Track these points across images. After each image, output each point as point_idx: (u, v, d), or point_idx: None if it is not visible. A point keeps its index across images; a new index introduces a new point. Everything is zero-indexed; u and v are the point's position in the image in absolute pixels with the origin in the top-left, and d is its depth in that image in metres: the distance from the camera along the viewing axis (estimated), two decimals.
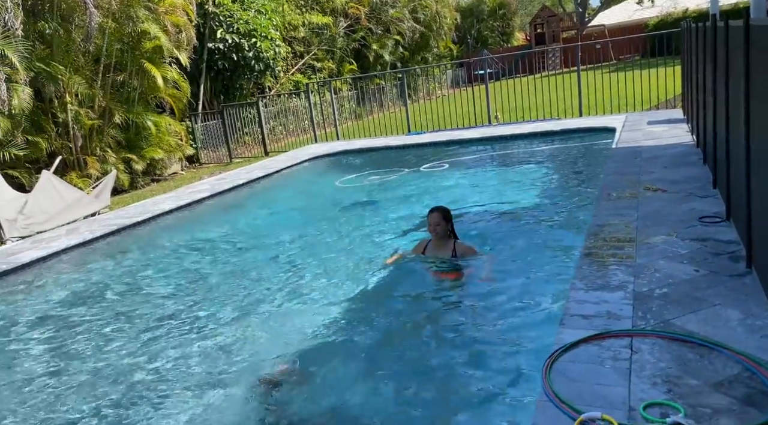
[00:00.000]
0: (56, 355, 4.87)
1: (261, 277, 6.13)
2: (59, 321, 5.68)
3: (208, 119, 17.35)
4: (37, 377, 4.48)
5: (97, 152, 13.45)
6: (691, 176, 6.54)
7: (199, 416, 3.64)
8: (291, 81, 22.30)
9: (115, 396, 4.02)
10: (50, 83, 12.23)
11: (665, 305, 3.50)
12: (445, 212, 5.24)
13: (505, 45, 41.51)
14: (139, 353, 4.67)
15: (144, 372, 4.34)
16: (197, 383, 4.07)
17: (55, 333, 5.39)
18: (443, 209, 5.27)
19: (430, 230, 5.23)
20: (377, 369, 3.96)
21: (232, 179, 12.10)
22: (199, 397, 3.87)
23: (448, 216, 5.24)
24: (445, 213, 5.23)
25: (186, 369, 4.31)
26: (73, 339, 5.15)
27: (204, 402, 3.80)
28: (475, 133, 13.53)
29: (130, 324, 5.32)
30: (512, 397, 3.28)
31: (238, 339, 4.68)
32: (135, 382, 4.20)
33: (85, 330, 5.34)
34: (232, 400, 3.77)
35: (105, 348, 4.86)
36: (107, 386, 4.19)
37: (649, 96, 13.68)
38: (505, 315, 4.30)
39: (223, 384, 3.97)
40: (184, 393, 3.96)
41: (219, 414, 3.63)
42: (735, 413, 2.45)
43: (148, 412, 3.77)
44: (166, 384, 4.14)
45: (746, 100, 3.72)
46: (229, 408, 3.68)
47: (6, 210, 8.93)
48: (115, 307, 5.85)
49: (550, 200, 7.66)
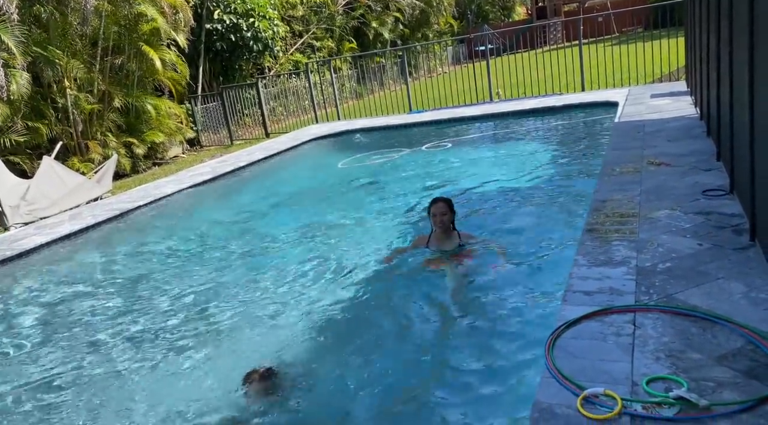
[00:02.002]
0: (58, 340, 4.91)
1: (260, 264, 6.05)
2: (63, 306, 5.71)
3: (208, 101, 17.26)
4: (39, 362, 4.52)
5: (98, 136, 13.43)
6: (695, 149, 6.49)
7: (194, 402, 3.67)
8: (290, 61, 22.14)
9: (115, 381, 4.06)
10: (48, 68, 12.17)
11: (668, 280, 3.49)
12: (449, 201, 4.97)
13: (506, 20, 41.05)
14: (141, 339, 4.70)
15: (141, 356, 4.37)
16: (193, 366, 4.11)
17: (59, 318, 5.43)
18: (447, 199, 4.99)
19: (436, 222, 4.88)
20: (378, 349, 3.97)
21: (233, 161, 12.08)
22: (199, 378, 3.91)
23: (452, 206, 4.95)
24: (449, 203, 4.95)
25: (186, 350, 4.34)
26: (77, 324, 5.19)
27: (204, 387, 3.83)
28: (476, 110, 13.44)
29: (136, 309, 5.34)
30: (515, 374, 3.29)
31: (234, 327, 4.66)
32: (132, 368, 4.22)
33: (89, 314, 5.38)
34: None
35: (109, 332, 4.89)
36: (111, 371, 4.23)
37: (652, 69, 13.52)
38: (507, 292, 4.29)
39: (222, 369, 3.99)
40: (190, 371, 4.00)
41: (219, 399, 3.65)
42: (738, 386, 2.45)
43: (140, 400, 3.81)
44: (163, 374, 4.17)
45: (750, 69, 3.66)
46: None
47: (8, 197, 8.94)
48: (120, 292, 5.88)
49: (552, 176, 7.62)
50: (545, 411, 2.49)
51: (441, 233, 4.95)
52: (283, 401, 3.46)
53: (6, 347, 4.95)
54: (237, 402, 3.52)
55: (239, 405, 3.49)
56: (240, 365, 3.84)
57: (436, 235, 4.99)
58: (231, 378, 3.72)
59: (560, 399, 2.55)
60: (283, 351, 4.09)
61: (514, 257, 4.92)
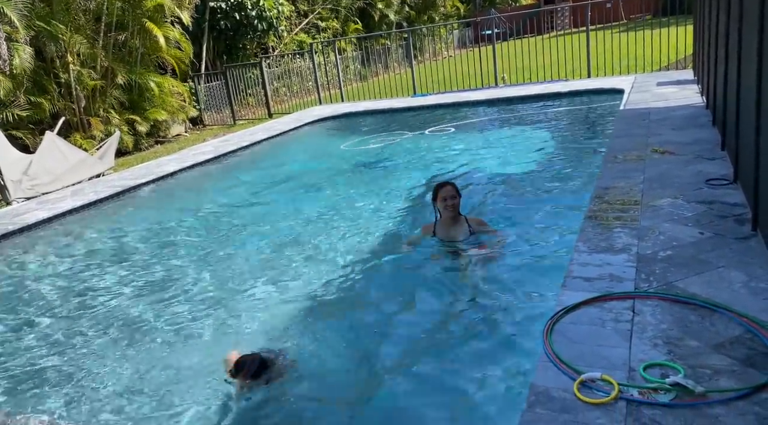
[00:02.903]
0: (59, 313, 4.94)
1: (260, 245, 6.00)
2: (65, 280, 5.74)
3: (211, 80, 17.17)
4: (41, 336, 4.55)
5: (101, 113, 13.38)
6: (700, 138, 6.45)
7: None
8: (295, 41, 21.97)
9: (113, 352, 4.10)
10: (51, 42, 12.10)
11: (669, 268, 3.49)
12: (454, 184, 4.70)
13: (514, 4, 40.62)
14: (142, 312, 4.72)
15: (144, 327, 4.39)
16: (193, 345, 4.13)
17: (60, 291, 5.46)
18: (452, 182, 4.73)
19: (447, 206, 4.58)
20: (378, 334, 3.99)
21: (236, 141, 12.05)
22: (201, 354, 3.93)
23: (458, 189, 4.69)
24: (455, 186, 4.68)
25: (184, 328, 4.37)
26: (77, 298, 5.22)
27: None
28: (481, 94, 13.36)
29: (136, 285, 5.37)
30: (513, 358, 3.30)
31: (222, 303, 4.66)
32: (134, 342, 4.25)
33: (90, 288, 5.41)
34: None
35: (111, 305, 4.92)
36: (111, 345, 4.26)
37: (660, 57, 13.41)
38: (507, 277, 4.29)
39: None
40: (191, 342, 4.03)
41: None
42: (735, 373, 2.46)
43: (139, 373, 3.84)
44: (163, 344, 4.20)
45: (759, 57, 3.62)
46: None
47: (11, 171, 8.94)
48: (121, 267, 5.90)
49: (556, 162, 7.60)
50: (542, 394, 2.50)
51: (449, 220, 4.65)
52: (275, 389, 3.39)
53: (7, 320, 4.99)
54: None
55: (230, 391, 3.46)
56: (222, 348, 3.85)
57: (444, 222, 4.69)
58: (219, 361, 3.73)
59: (557, 383, 2.56)
60: (273, 336, 4.06)
61: (513, 242, 4.92)
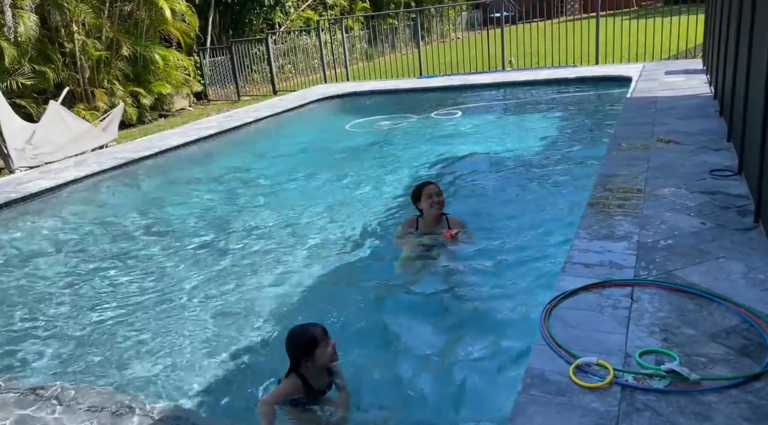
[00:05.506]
0: (59, 282, 4.97)
1: (259, 224, 5.95)
2: (66, 248, 5.78)
3: (217, 55, 17.04)
4: (43, 301, 4.59)
5: (105, 84, 13.31)
6: (706, 128, 6.42)
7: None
8: (301, 18, 21.76)
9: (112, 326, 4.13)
10: (56, 11, 11.99)
11: (669, 257, 3.50)
12: (437, 183, 4.76)
13: None
14: (141, 283, 4.75)
15: (145, 301, 4.42)
16: (196, 318, 4.16)
17: (61, 260, 5.49)
18: (434, 182, 4.79)
19: (434, 203, 4.53)
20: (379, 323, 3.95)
21: (240, 117, 12.01)
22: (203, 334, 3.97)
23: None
24: (437, 184, 4.72)
25: (186, 301, 4.40)
26: (78, 267, 5.25)
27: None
28: (488, 78, 13.28)
29: (136, 256, 5.39)
30: (509, 341, 3.32)
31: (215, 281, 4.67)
32: (132, 314, 4.27)
33: (91, 258, 5.44)
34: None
35: (109, 275, 4.95)
36: (110, 315, 4.30)
37: (669, 45, 13.29)
38: (507, 263, 4.30)
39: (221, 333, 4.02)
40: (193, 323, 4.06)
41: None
42: (730, 362, 2.48)
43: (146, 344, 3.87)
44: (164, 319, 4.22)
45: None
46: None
47: (14, 139, 8.93)
48: (124, 238, 5.92)
49: (560, 149, 7.57)
50: (537, 377, 2.53)
51: (433, 220, 4.59)
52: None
53: (8, 283, 5.03)
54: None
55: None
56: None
57: (428, 221, 4.63)
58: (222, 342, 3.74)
59: (553, 367, 2.58)
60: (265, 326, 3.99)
61: (515, 227, 4.93)
